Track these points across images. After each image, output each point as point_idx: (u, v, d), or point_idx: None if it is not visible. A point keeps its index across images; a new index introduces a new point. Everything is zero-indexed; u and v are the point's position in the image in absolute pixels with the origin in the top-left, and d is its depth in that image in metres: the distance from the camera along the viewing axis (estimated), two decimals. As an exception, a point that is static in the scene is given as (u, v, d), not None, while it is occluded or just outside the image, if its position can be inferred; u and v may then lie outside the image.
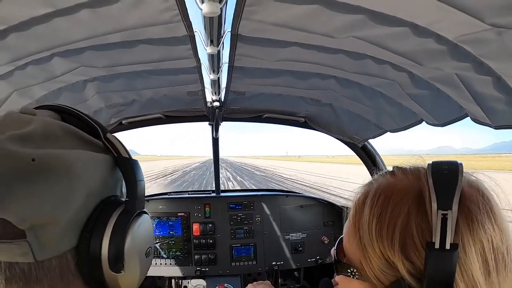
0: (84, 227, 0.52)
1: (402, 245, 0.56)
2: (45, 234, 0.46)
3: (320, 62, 1.30)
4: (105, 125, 1.96)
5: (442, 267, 0.51)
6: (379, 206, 0.61)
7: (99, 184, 0.55)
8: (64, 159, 0.48)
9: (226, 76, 1.51)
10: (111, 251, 0.52)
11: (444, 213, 0.52)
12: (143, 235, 0.60)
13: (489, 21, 0.76)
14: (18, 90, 1.25)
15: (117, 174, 0.60)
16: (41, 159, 0.45)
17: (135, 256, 0.57)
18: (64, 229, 0.48)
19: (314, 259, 2.56)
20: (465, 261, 0.52)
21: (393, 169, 0.67)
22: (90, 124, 0.59)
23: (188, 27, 0.99)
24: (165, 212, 2.49)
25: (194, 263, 2.45)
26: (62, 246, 0.49)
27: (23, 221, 0.43)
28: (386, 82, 1.36)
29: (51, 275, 0.49)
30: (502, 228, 0.55)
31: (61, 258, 0.49)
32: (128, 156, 0.60)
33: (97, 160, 0.55)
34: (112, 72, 1.38)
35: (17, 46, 0.99)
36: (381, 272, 0.58)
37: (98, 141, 0.58)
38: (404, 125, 1.68)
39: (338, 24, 0.95)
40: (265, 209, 2.58)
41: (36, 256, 0.46)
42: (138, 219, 0.59)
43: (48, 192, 0.45)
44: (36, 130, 0.49)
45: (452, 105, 1.24)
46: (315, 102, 1.92)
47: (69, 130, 0.54)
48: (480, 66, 0.94)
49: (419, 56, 1.04)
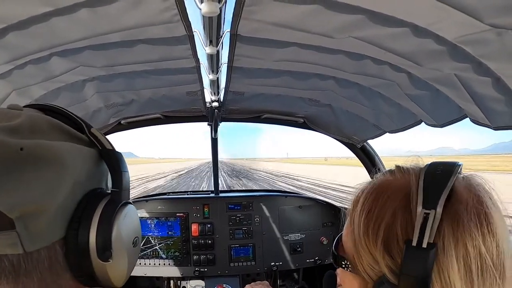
0: (71, 218, 0.53)
1: (386, 242, 0.57)
2: (34, 224, 0.47)
3: (319, 62, 1.30)
4: (104, 125, 1.96)
5: (417, 265, 0.51)
6: (369, 203, 0.62)
7: (85, 175, 0.56)
8: (52, 149, 0.49)
9: (225, 76, 1.51)
10: (99, 240, 0.53)
11: (427, 213, 0.52)
12: (129, 225, 0.61)
13: (488, 22, 0.76)
14: (17, 89, 1.25)
15: (103, 167, 0.62)
16: (29, 148, 0.46)
17: (123, 245, 0.58)
18: (52, 218, 0.49)
19: (313, 259, 2.56)
20: (443, 262, 0.52)
21: (394, 168, 0.67)
22: (75, 120, 0.61)
23: (187, 27, 0.99)
24: (164, 212, 2.49)
25: (193, 264, 2.45)
26: (50, 237, 0.50)
27: (13, 209, 0.44)
28: (385, 82, 1.36)
29: (40, 267, 0.49)
30: (495, 234, 0.53)
31: (50, 249, 0.50)
32: (111, 148, 0.62)
33: (82, 153, 0.56)
34: (111, 72, 1.38)
35: (16, 45, 0.99)
36: (369, 267, 0.59)
37: (83, 136, 0.60)
38: (403, 126, 1.68)
39: (337, 24, 0.95)
40: (264, 210, 2.59)
41: (25, 246, 0.46)
42: (123, 209, 0.60)
43: (36, 180, 0.46)
44: (24, 123, 0.50)
45: (451, 106, 1.24)
46: (314, 102, 1.92)
47: (55, 124, 0.55)
48: (479, 67, 0.94)
49: (418, 57, 1.04)
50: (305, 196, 2.77)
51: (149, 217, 2.47)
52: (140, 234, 0.67)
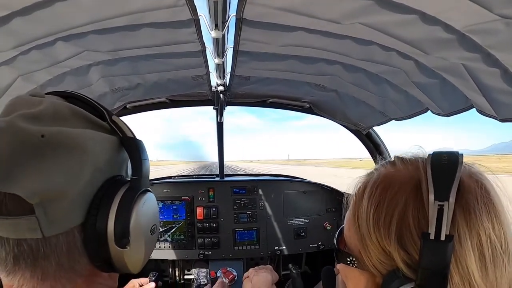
0: (90, 204, 0.53)
1: (399, 235, 0.56)
2: (53, 209, 0.47)
3: (326, 47, 1.29)
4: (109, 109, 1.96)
5: (436, 258, 0.51)
6: (377, 196, 0.61)
7: (105, 162, 0.56)
8: (73, 136, 0.50)
9: (231, 60, 1.51)
10: (117, 227, 0.54)
11: (441, 204, 0.52)
12: (148, 212, 0.62)
13: (498, 12, 0.74)
14: (22, 75, 1.26)
15: (123, 155, 0.62)
16: (51, 135, 0.47)
17: (140, 233, 0.59)
18: (71, 205, 0.50)
19: (316, 244, 2.59)
20: (460, 253, 0.51)
21: (394, 159, 0.67)
22: (96, 108, 0.61)
23: (192, 11, 0.98)
24: (169, 196, 2.52)
25: (198, 247, 2.49)
26: (69, 223, 0.51)
27: (33, 195, 0.45)
28: (392, 69, 1.35)
29: (58, 251, 0.50)
30: (501, 221, 0.54)
31: (68, 235, 0.51)
32: (133, 136, 0.62)
33: (103, 140, 0.57)
34: (117, 56, 1.37)
35: (20, 31, 0.99)
36: (379, 262, 0.59)
37: (104, 123, 0.60)
38: (409, 114, 1.67)
39: (345, 10, 0.93)
40: (269, 194, 2.60)
41: (44, 231, 0.47)
42: (143, 197, 0.60)
43: (57, 167, 0.47)
44: (46, 110, 0.51)
45: (458, 96, 1.22)
46: (321, 88, 1.91)
47: (77, 111, 0.56)
48: (487, 57, 0.92)
49: (426, 45, 1.02)
50: (310, 181, 2.78)
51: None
52: (158, 222, 0.68)
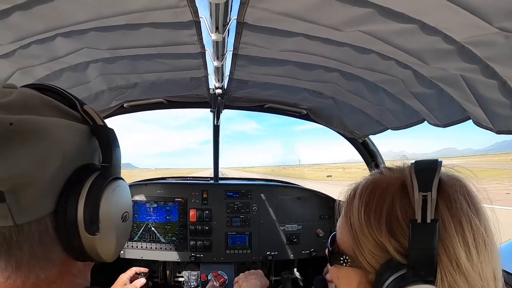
0: (61, 192, 0.54)
1: (389, 226, 0.62)
2: (24, 196, 0.48)
3: (325, 54, 1.29)
4: (106, 107, 1.96)
5: (424, 239, 0.57)
6: (367, 195, 0.68)
7: (76, 150, 0.56)
8: (41, 124, 0.50)
9: (230, 63, 1.51)
10: (86, 213, 0.54)
11: (425, 195, 0.59)
12: (118, 199, 0.62)
13: (498, 25, 0.75)
14: (20, 69, 1.25)
15: (95, 144, 0.62)
16: (19, 123, 0.47)
17: (111, 219, 0.59)
18: (41, 192, 0.50)
19: (308, 251, 2.58)
20: (445, 236, 0.58)
21: (381, 169, 0.74)
22: (68, 98, 0.61)
23: (194, 12, 0.98)
24: (162, 196, 2.51)
25: (189, 249, 2.47)
26: (40, 210, 0.51)
27: (3, 182, 0.45)
28: (390, 78, 1.35)
29: (30, 240, 0.51)
30: (478, 210, 0.61)
31: (40, 223, 0.52)
32: (103, 124, 0.63)
33: (74, 128, 0.57)
34: (116, 54, 1.37)
35: (20, 25, 0.98)
36: (371, 255, 0.64)
37: (75, 113, 0.60)
38: (406, 124, 1.68)
39: (346, 18, 0.94)
40: (263, 199, 2.59)
41: (15, 219, 0.47)
42: (113, 184, 0.60)
43: (26, 154, 0.47)
44: (16, 99, 0.51)
45: (455, 107, 1.23)
46: (318, 94, 1.91)
47: (48, 101, 0.56)
48: (486, 69, 0.93)
49: (425, 55, 1.03)
50: (304, 188, 2.78)
51: (147, 201, 2.48)
52: (131, 209, 0.68)
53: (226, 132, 43.42)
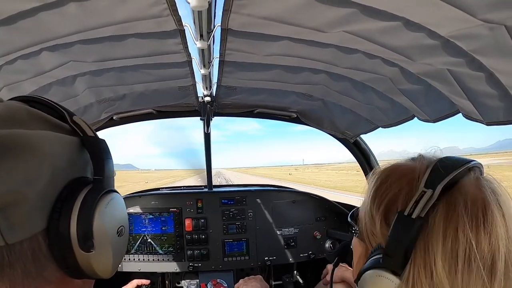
0: (53, 208, 0.51)
1: (386, 210, 0.64)
2: (13, 214, 0.46)
3: (311, 56, 1.30)
4: (95, 120, 1.94)
5: (403, 232, 0.57)
6: (381, 179, 0.70)
7: (66, 164, 0.54)
8: (29, 138, 0.48)
9: (217, 71, 1.50)
10: (80, 229, 0.52)
11: (425, 190, 0.58)
12: (113, 213, 0.59)
13: (481, 17, 0.75)
14: (7, 85, 1.24)
15: (86, 156, 0.60)
16: (5, 138, 0.45)
17: (106, 235, 0.56)
18: (32, 208, 0.48)
19: (306, 254, 2.57)
20: (430, 237, 0.56)
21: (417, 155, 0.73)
22: (57, 109, 0.59)
23: (177, 21, 0.98)
24: (157, 207, 2.48)
25: (187, 259, 2.45)
26: (32, 227, 0.49)
27: None
28: (377, 77, 1.36)
29: (23, 259, 0.48)
30: (492, 234, 0.54)
31: (32, 241, 0.49)
32: (94, 135, 0.61)
33: (63, 141, 0.55)
34: (103, 66, 1.36)
35: (5, 40, 0.97)
36: (371, 234, 0.67)
37: (65, 124, 0.58)
38: (396, 121, 1.68)
39: (329, 18, 0.94)
40: (258, 204, 2.58)
41: (6, 238, 0.45)
42: (106, 197, 0.58)
43: (13, 169, 0.45)
44: (1, 112, 0.49)
45: (444, 101, 1.24)
46: (307, 97, 1.92)
47: (35, 113, 0.54)
48: (472, 62, 0.94)
49: (410, 51, 1.04)
50: (298, 191, 2.77)
51: (142, 213, 2.46)
52: (127, 223, 0.65)
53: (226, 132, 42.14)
